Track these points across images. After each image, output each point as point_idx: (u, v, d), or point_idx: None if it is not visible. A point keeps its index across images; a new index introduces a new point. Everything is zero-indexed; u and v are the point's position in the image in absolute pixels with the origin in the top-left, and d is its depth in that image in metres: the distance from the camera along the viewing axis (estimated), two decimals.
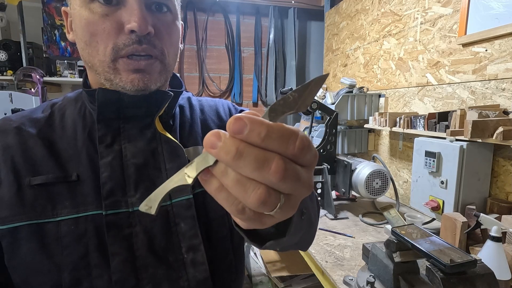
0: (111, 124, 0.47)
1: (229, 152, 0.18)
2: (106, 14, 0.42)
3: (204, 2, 2.50)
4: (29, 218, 0.42)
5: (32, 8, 2.26)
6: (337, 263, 1.02)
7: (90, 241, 0.43)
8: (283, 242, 0.33)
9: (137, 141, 0.48)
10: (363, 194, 1.36)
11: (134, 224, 0.45)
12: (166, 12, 0.46)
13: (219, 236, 0.52)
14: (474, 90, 1.23)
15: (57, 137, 0.47)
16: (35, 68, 2.10)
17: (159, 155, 0.48)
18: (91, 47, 0.43)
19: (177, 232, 0.47)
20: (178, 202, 0.47)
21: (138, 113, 0.48)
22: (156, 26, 0.44)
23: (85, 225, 0.43)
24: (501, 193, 1.14)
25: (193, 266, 0.46)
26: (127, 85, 0.43)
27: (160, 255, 0.45)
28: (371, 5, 1.92)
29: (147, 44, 0.43)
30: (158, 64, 0.45)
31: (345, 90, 1.89)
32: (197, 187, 0.50)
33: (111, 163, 0.45)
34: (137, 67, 0.43)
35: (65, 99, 0.54)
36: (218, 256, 0.51)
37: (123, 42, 0.42)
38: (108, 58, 0.43)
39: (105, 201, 0.44)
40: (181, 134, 0.53)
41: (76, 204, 0.44)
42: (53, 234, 0.42)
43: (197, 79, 2.61)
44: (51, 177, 0.44)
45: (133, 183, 0.46)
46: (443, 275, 0.61)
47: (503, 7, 1.09)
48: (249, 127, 0.18)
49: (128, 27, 0.41)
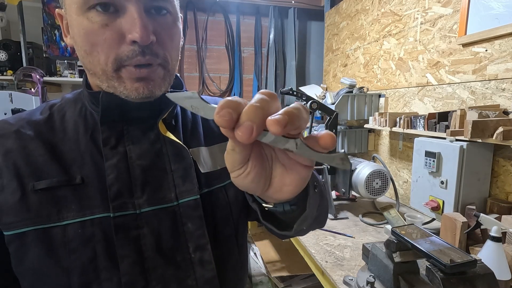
0: (114, 126, 0.47)
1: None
2: (106, 24, 0.41)
3: (204, 2, 2.50)
4: (35, 223, 0.42)
5: (32, 8, 2.26)
6: (337, 263, 1.02)
7: (97, 244, 0.43)
8: (306, 217, 0.39)
9: (141, 142, 0.47)
10: (363, 194, 1.36)
11: (142, 226, 0.45)
12: (166, 14, 0.45)
13: (225, 235, 0.52)
14: (474, 90, 1.23)
15: (59, 140, 0.47)
16: (35, 68, 2.10)
17: (164, 156, 0.48)
18: (91, 57, 0.43)
19: (184, 232, 0.47)
20: (185, 202, 0.47)
21: (141, 116, 0.48)
22: (157, 31, 0.43)
23: (92, 228, 0.43)
24: (501, 193, 1.14)
25: (201, 265, 0.47)
26: (132, 93, 0.43)
27: (168, 256, 0.46)
28: (371, 5, 1.92)
29: (150, 55, 0.42)
30: (161, 70, 0.45)
31: (345, 90, 1.89)
32: (204, 187, 0.51)
33: (117, 165, 0.45)
34: (140, 75, 0.43)
35: (64, 100, 0.53)
36: (224, 255, 0.52)
37: (126, 54, 0.41)
38: (110, 68, 0.42)
39: (113, 203, 0.44)
40: (184, 134, 0.53)
41: (82, 208, 0.43)
42: (60, 238, 0.42)
43: (197, 79, 2.61)
44: (55, 181, 0.43)
45: (139, 184, 0.46)
46: (443, 275, 0.61)
47: (503, 7, 1.09)
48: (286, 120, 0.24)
49: (130, 37, 0.41)
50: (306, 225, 0.41)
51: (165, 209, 0.46)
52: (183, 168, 0.48)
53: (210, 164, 0.53)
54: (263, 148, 0.32)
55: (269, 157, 0.32)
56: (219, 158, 0.54)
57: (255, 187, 0.32)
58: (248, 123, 0.24)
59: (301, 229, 0.42)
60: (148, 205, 0.45)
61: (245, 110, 0.24)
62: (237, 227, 0.54)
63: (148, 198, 0.45)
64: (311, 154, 0.26)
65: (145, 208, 0.45)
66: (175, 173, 0.48)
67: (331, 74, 2.49)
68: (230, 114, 0.24)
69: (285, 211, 0.40)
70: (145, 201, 0.45)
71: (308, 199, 0.39)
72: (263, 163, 0.31)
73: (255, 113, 0.24)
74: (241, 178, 0.30)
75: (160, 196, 0.46)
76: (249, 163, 0.30)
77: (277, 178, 0.32)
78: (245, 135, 0.24)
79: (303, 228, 0.41)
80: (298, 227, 0.41)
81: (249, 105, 0.25)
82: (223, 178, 0.54)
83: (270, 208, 0.40)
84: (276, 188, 0.33)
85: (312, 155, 0.26)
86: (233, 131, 0.25)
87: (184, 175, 0.48)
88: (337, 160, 0.26)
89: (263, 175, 0.31)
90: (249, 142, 0.24)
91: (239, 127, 0.24)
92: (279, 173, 0.32)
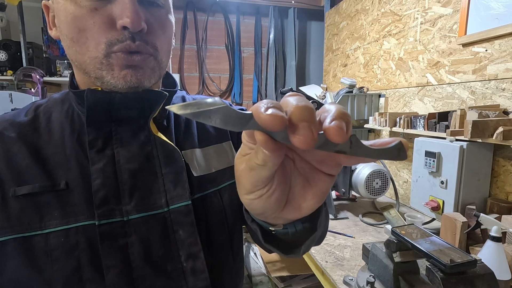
0: (101, 127, 0.44)
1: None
2: (95, 8, 0.39)
3: (204, 2, 2.50)
4: (15, 232, 0.39)
5: (32, 8, 2.26)
6: (337, 263, 1.02)
7: (82, 254, 0.40)
8: (315, 237, 0.37)
9: (131, 144, 0.44)
10: (363, 194, 1.36)
11: (130, 234, 0.42)
12: (159, 6, 0.44)
13: (219, 242, 0.50)
14: (474, 90, 1.23)
15: (43, 143, 0.44)
16: (35, 68, 2.10)
17: (154, 159, 0.45)
18: (79, 44, 0.40)
19: (175, 240, 0.44)
20: (176, 208, 0.45)
21: (131, 115, 0.45)
22: (149, 21, 0.42)
23: (76, 236, 0.40)
24: (501, 193, 1.14)
25: (193, 275, 0.44)
26: (119, 81, 0.41)
27: (158, 265, 0.43)
28: (371, 5, 1.92)
29: (140, 41, 0.41)
30: (152, 59, 0.43)
31: (345, 90, 1.89)
32: (196, 192, 0.48)
33: (104, 169, 0.42)
34: (130, 63, 0.41)
35: (51, 100, 0.50)
36: (218, 263, 0.49)
37: (116, 38, 0.40)
38: (101, 54, 0.40)
39: (98, 210, 0.41)
40: (176, 135, 0.50)
41: (66, 215, 0.41)
42: (42, 248, 0.39)
43: (197, 79, 2.61)
44: (37, 186, 0.41)
45: (127, 190, 0.43)
46: (443, 275, 0.61)
47: (503, 7, 1.09)
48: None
49: (120, 22, 0.39)
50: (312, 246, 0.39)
51: (154, 215, 0.43)
52: (174, 172, 0.45)
53: (204, 167, 0.50)
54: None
55: (288, 169, 0.27)
56: (214, 160, 0.52)
57: (275, 208, 0.28)
58: (305, 124, 0.20)
59: (308, 249, 0.40)
60: (136, 211, 0.43)
61: (296, 111, 0.21)
62: (232, 233, 0.52)
63: (136, 205, 0.43)
64: (367, 151, 0.22)
65: (134, 215, 0.42)
66: (165, 177, 0.45)
67: (331, 74, 2.49)
68: (280, 112, 0.20)
69: (296, 231, 0.36)
70: (133, 208, 0.42)
71: (320, 218, 0.35)
72: (286, 177, 0.27)
73: (310, 114, 0.21)
74: (263, 199, 0.26)
75: (150, 202, 0.44)
76: (274, 180, 0.25)
77: (297, 193, 0.28)
78: (308, 137, 0.20)
79: (309, 248, 0.39)
80: (307, 249, 0.38)
81: (297, 106, 0.21)
82: (218, 181, 0.51)
83: (279, 230, 0.36)
84: (294, 206, 0.28)
85: (368, 153, 0.22)
86: (273, 141, 0.21)
87: (176, 179, 0.45)
88: (394, 152, 0.22)
89: (285, 192, 0.27)
90: (309, 148, 0.20)
91: (297, 130, 0.20)
92: (299, 187, 0.28)
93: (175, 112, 0.20)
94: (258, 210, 0.28)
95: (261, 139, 0.21)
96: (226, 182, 0.52)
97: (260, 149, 0.22)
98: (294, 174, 0.27)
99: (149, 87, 0.44)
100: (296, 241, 0.38)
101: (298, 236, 0.37)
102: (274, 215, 0.29)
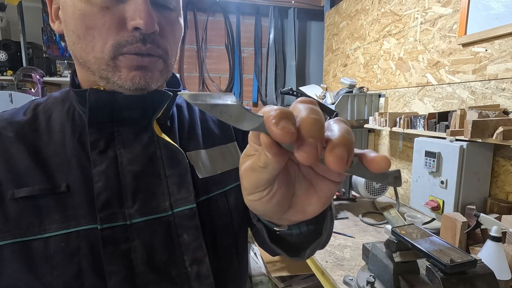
0: (104, 128, 0.42)
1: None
2: (107, 7, 0.38)
3: (204, 2, 2.50)
4: (14, 236, 0.38)
5: (32, 8, 2.26)
6: (337, 263, 1.02)
7: (83, 259, 0.39)
8: (320, 241, 0.36)
9: (133, 146, 0.43)
10: (363, 194, 1.36)
11: (133, 238, 0.41)
12: (170, 9, 0.43)
13: (224, 245, 0.48)
14: (474, 90, 1.23)
15: (43, 143, 0.42)
16: (35, 68, 2.10)
17: (157, 160, 0.44)
18: (85, 42, 0.39)
19: (179, 244, 0.43)
20: (180, 212, 0.43)
21: (134, 116, 0.44)
22: (161, 23, 0.41)
23: (77, 241, 0.39)
24: (501, 193, 1.14)
25: (198, 280, 0.43)
26: (126, 83, 0.39)
27: (161, 270, 0.42)
28: (371, 5, 1.92)
29: (151, 44, 0.40)
30: (161, 62, 0.42)
31: (345, 90, 1.89)
32: (201, 195, 0.47)
33: (106, 171, 0.41)
34: (140, 64, 0.40)
35: (50, 99, 0.48)
36: (223, 267, 0.48)
37: (126, 39, 0.38)
38: (107, 56, 0.39)
39: (100, 214, 0.39)
40: (180, 136, 0.49)
41: (67, 218, 0.39)
42: (41, 253, 0.38)
43: (197, 79, 2.61)
44: (37, 189, 0.39)
45: (130, 193, 0.41)
46: (443, 275, 0.61)
47: (503, 7, 1.09)
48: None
49: (132, 23, 0.38)
50: (317, 250, 0.39)
51: (158, 219, 0.42)
52: (179, 174, 0.44)
53: (209, 168, 0.49)
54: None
55: (292, 173, 0.27)
56: (219, 161, 0.50)
57: (277, 211, 0.28)
58: (312, 141, 0.20)
59: (312, 254, 0.40)
60: (140, 215, 0.41)
61: (306, 125, 0.20)
62: (237, 236, 0.50)
63: (139, 208, 0.41)
64: (364, 173, 0.23)
65: (137, 218, 0.41)
66: (169, 180, 0.44)
67: (331, 74, 2.49)
68: (292, 128, 0.20)
69: (301, 233, 0.35)
70: (136, 211, 0.41)
71: (325, 222, 0.35)
72: (289, 181, 0.27)
73: (319, 130, 0.21)
74: (263, 201, 0.26)
75: (153, 205, 0.42)
76: (275, 183, 0.25)
77: (301, 197, 0.28)
78: (311, 156, 0.20)
79: (314, 253, 0.39)
80: (312, 253, 0.38)
81: (308, 118, 0.21)
82: (223, 183, 0.49)
83: (283, 231, 0.35)
84: (298, 209, 0.28)
85: (365, 174, 0.23)
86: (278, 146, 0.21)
87: (180, 181, 0.44)
88: (390, 179, 0.23)
89: (288, 196, 0.27)
90: (309, 164, 0.20)
91: (302, 146, 0.20)
92: (304, 191, 0.28)
93: (186, 99, 0.20)
94: (260, 211, 0.28)
95: (266, 141, 0.21)
96: (232, 184, 0.51)
97: (263, 151, 0.22)
98: (299, 178, 0.27)
99: (154, 89, 0.43)
100: (300, 243, 0.38)
101: (302, 238, 0.36)
102: (277, 216, 0.29)
